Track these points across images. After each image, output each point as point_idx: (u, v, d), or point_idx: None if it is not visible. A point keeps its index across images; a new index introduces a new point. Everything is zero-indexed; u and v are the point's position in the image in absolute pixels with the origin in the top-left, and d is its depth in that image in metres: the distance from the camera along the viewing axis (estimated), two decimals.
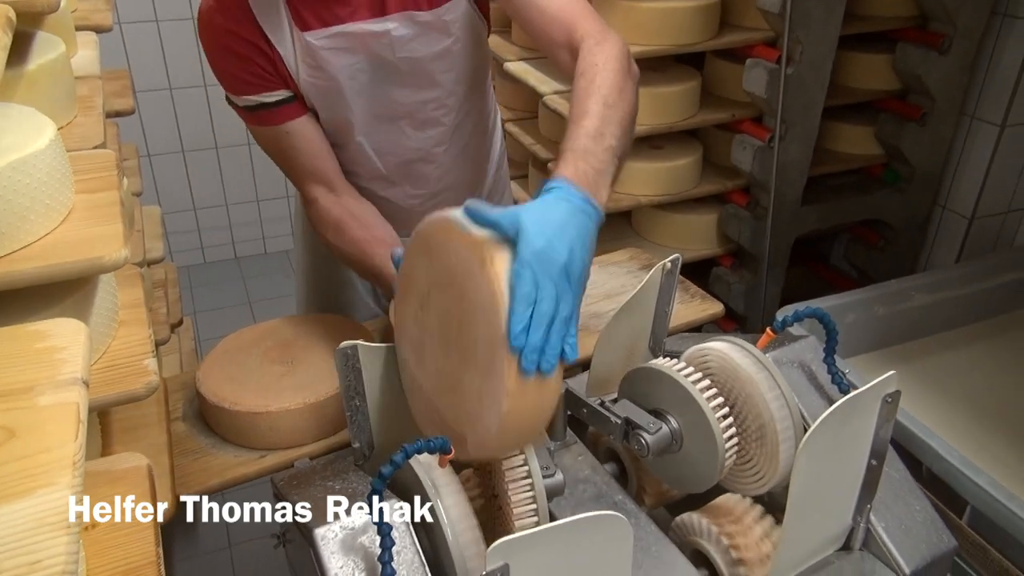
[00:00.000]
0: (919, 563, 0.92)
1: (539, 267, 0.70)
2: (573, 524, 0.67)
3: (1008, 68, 1.84)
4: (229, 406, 1.05)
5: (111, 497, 0.63)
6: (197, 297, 3.18)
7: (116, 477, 0.66)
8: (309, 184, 1.20)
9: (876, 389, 0.84)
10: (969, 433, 1.47)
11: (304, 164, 1.18)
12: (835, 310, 1.59)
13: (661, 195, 1.82)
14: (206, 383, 1.09)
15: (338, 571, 0.77)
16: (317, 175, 1.19)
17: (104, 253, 0.68)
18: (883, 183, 2.05)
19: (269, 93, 1.12)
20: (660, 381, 0.94)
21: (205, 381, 1.10)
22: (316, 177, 1.19)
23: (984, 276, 1.76)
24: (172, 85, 3.05)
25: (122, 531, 0.61)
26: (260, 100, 1.12)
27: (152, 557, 0.59)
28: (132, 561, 0.58)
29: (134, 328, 0.86)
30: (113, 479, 0.66)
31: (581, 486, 1.01)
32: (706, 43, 1.76)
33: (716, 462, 0.90)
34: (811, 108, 1.73)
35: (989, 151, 1.93)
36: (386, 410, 0.99)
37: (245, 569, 1.98)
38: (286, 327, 1.23)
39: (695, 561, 0.96)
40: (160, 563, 0.58)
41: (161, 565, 0.58)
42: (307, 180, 1.20)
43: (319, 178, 1.19)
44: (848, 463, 0.88)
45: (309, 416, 1.07)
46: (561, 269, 0.72)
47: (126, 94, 1.61)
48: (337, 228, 1.18)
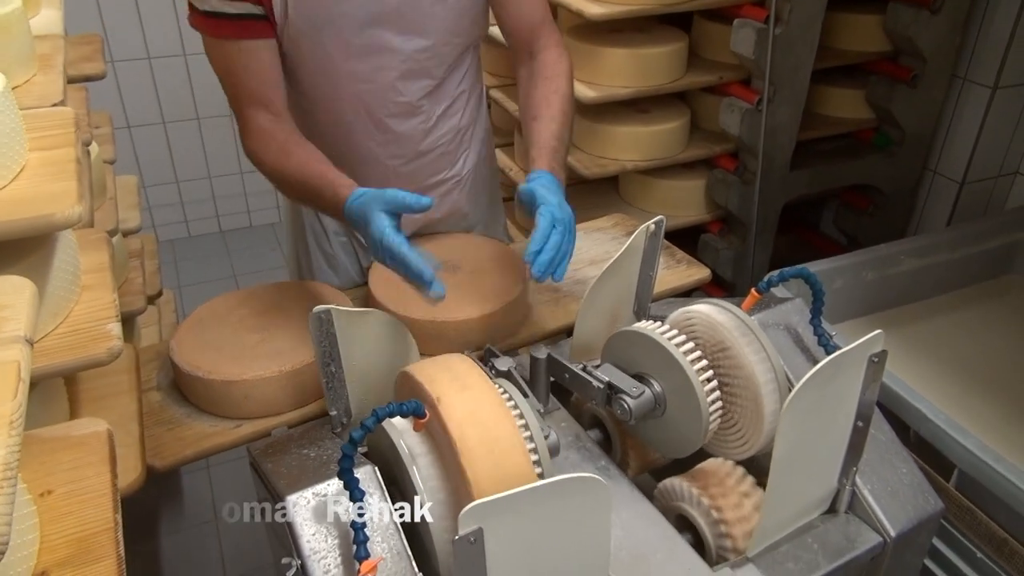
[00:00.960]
0: (905, 525, 0.91)
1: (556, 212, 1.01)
2: (548, 486, 0.65)
3: (1000, 29, 1.81)
4: (203, 375, 1.03)
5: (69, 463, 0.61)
6: (182, 271, 3.14)
7: (75, 443, 0.64)
8: (253, 108, 1.13)
9: (861, 349, 0.82)
10: (958, 398, 1.46)
11: (253, 88, 1.12)
12: (823, 275, 1.56)
13: (647, 160, 1.79)
14: (180, 351, 1.07)
15: (310, 538, 0.75)
16: (264, 101, 1.13)
17: (56, 210, 0.65)
18: (873, 147, 2.02)
19: (234, 3, 1.06)
20: (643, 344, 0.92)
21: (179, 349, 1.07)
22: (262, 103, 1.13)
23: (973, 240, 1.74)
24: (151, 54, 2.98)
25: (79, 497, 0.59)
26: (222, 9, 1.06)
27: (109, 524, 0.56)
28: (88, 527, 0.56)
29: (98, 292, 0.83)
30: (71, 445, 0.63)
31: (564, 452, 0.99)
32: (692, 3, 1.72)
33: (700, 426, 0.89)
34: (800, 70, 1.69)
35: (980, 114, 1.90)
36: (363, 376, 0.97)
37: (230, 541, 1.97)
38: (263, 295, 1.20)
39: (679, 526, 0.95)
40: (117, 530, 0.56)
41: (119, 532, 0.56)
42: (252, 104, 1.13)
43: (265, 104, 1.14)
44: (833, 425, 0.87)
45: (285, 384, 1.04)
46: (567, 218, 1.03)
47: (97, 58, 1.56)
48: (283, 151, 1.12)
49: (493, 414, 0.77)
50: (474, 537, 0.63)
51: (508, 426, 0.76)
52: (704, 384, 0.88)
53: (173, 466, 0.99)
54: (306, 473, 0.82)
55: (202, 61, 1.10)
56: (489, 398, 0.78)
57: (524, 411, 0.81)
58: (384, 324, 0.96)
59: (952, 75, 1.92)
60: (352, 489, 0.71)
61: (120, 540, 0.56)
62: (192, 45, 2.97)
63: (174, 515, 2.04)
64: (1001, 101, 1.89)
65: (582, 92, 1.68)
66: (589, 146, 1.82)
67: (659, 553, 0.86)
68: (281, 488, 0.79)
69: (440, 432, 0.76)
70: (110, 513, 0.57)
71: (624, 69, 1.69)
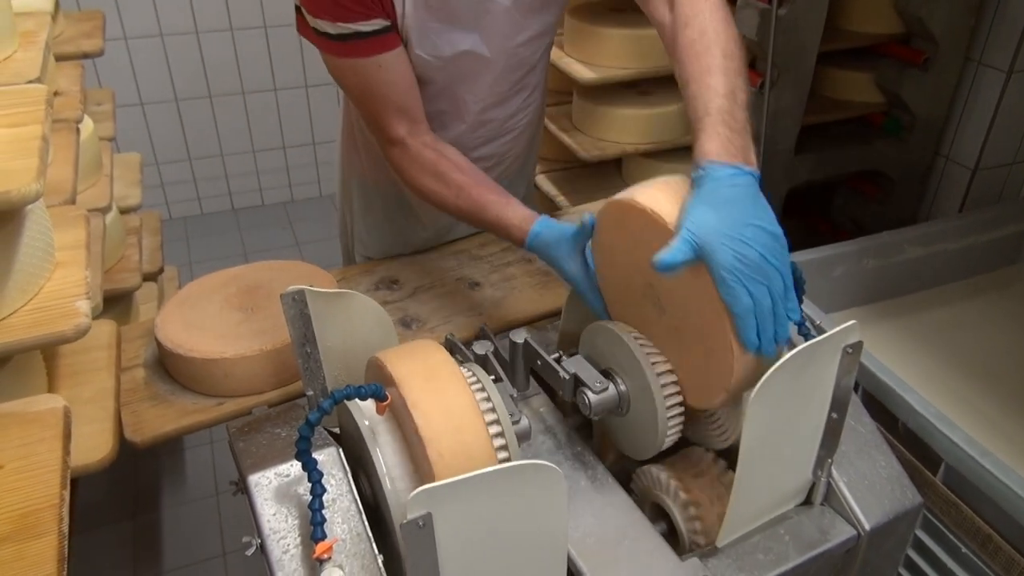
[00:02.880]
0: (880, 519, 0.90)
1: (740, 272, 0.73)
2: (499, 472, 0.65)
3: (1017, 10, 1.75)
4: (184, 352, 1.04)
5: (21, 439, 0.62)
6: (193, 248, 3.18)
7: (31, 419, 0.64)
8: (396, 122, 1.10)
9: (835, 339, 0.80)
10: (958, 390, 1.43)
11: (395, 100, 1.08)
12: (822, 262, 1.55)
13: (648, 143, 1.77)
14: (164, 329, 1.07)
15: (271, 518, 0.75)
16: (405, 112, 1.10)
17: (13, 187, 0.65)
18: (883, 132, 1.98)
19: (367, 21, 1.01)
20: (612, 341, 0.91)
21: (163, 327, 1.08)
22: (404, 115, 1.10)
23: (981, 228, 1.70)
24: (163, 31, 2.99)
25: (28, 473, 0.59)
26: (356, 29, 1.01)
27: (55, 500, 0.57)
28: (32, 503, 0.56)
29: (71, 269, 0.84)
30: (27, 421, 0.64)
31: (540, 437, 0.99)
32: None
33: (657, 431, 0.87)
34: (805, 52, 1.66)
35: (995, 98, 1.85)
36: (341, 357, 0.97)
37: (231, 515, 2.00)
38: (251, 274, 1.21)
39: (655, 514, 0.95)
40: (63, 506, 0.57)
41: (64, 508, 0.57)
42: (394, 118, 1.09)
43: (407, 115, 1.10)
44: (806, 415, 0.85)
45: (266, 363, 1.05)
46: (757, 261, 0.73)
47: (96, 35, 1.57)
48: (436, 173, 1.09)
49: (458, 399, 0.76)
50: (423, 521, 0.63)
51: (471, 410, 0.76)
52: (664, 389, 0.87)
53: (153, 442, 1.00)
54: (273, 453, 0.83)
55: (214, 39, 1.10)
56: (454, 382, 0.77)
57: (492, 396, 0.81)
58: (361, 305, 0.96)
59: (966, 58, 1.87)
60: (310, 470, 0.71)
61: (65, 517, 0.56)
62: (205, 23, 2.98)
63: (176, 488, 2.07)
64: (1017, 85, 1.83)
65: (581, 73, 1.66)
66: (589, 128, 1.80)
67: (627, 540, 0.85)
68: (245, 467, 0.80)
69: (403, 415, 0.76)
70: (57, 489, 0.58)
71: (625, 50, 1.67)
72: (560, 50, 1.77)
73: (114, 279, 1.40)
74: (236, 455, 0.86)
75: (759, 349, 0.75)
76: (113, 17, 2.87)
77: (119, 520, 1.98)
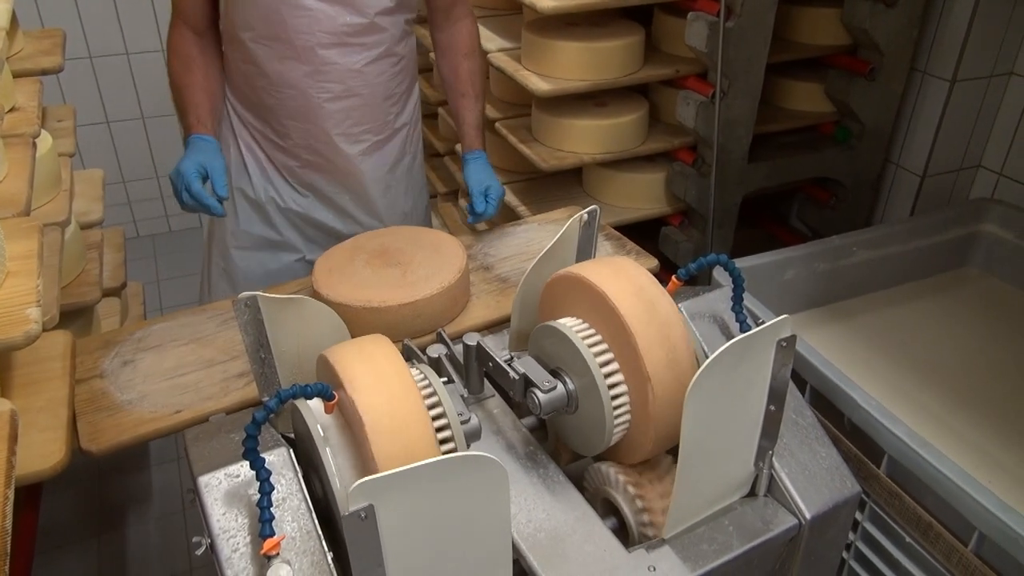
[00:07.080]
0: (820, 508, 0.93)
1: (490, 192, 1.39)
2: (440, 464, 0.67)
3: (958, 21, 1.82)
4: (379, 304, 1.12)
5: None
6: (161, 265, 3.16)
7: None
8: (180, 22, 1.33)
9: (768, 332, 0.84)
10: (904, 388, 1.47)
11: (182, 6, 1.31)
12: (774, 266, 1.59)
13: (605, 153, 1.81)
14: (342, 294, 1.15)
15: (220, 517, 0.77)
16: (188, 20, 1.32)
17: None
18: (834, 140, 2.03)
19: None
20: (559, 340, 0.93)
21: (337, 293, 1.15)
22: (188, 21, 1.32)
23: (928, 232, 1.75)
24: (129, 50, 2.99)
25: None
26: None
27: None
28: None
29: (22, 279, 0.85)
30: None
31: (494, 437, 1.01)
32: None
33: (604, 428, 0.90)
34: (754, 63, 1.71)
35: (940, 107, 1.92)
36: (296, 362, 0.98)
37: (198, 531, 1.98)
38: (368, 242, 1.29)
39: (605, 510, 0.97)
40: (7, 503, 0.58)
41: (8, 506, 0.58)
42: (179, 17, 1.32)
43: (190, 22, 1.32)
44: (744, 408, 0.88)
45: (446, 299, 1.18)
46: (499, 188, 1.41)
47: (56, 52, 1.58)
48: (186, 65, 1.32)
49: (404, 397, 0.78)
50: (365, 513, 0.65)
51: (417, 409, 0.78)
52: (612, 388, 0.89)
53: (109, 451, 1.01)
54: (224, 456, 0.84)
55: None
56: (400, 381, 0.79)
57: (440, 395, 0.83)
58: (313, 310, 0.98)
59: (911, 68, 1.93)
60: (257, 468, 0.73)
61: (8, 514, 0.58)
62: None
63: (142, 506, 2.05)
64: (960, 94, 1.90)
65: (537, 85, 1.70)
66: (547, 138, 1.83)
67: (576, 535, 0.87)
68: (197, 470, 0.81)
69: (351, 415, 0.78)
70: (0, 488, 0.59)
71: (579, 62, 1.71)
72: (517, 63, 1.81)
73: (74, 293, 1.41)
74: (190, 460, 0.87)
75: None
76: (78, 36, 2.87)
77: (84, 539, 1.96)
